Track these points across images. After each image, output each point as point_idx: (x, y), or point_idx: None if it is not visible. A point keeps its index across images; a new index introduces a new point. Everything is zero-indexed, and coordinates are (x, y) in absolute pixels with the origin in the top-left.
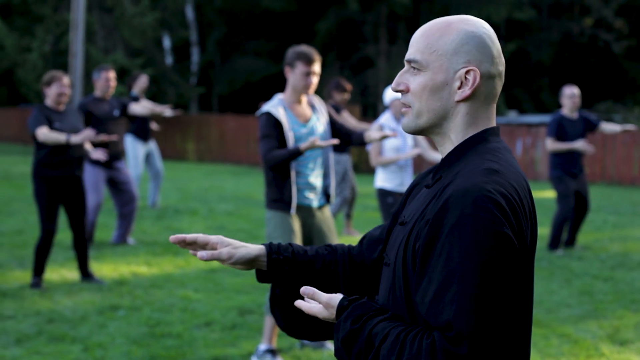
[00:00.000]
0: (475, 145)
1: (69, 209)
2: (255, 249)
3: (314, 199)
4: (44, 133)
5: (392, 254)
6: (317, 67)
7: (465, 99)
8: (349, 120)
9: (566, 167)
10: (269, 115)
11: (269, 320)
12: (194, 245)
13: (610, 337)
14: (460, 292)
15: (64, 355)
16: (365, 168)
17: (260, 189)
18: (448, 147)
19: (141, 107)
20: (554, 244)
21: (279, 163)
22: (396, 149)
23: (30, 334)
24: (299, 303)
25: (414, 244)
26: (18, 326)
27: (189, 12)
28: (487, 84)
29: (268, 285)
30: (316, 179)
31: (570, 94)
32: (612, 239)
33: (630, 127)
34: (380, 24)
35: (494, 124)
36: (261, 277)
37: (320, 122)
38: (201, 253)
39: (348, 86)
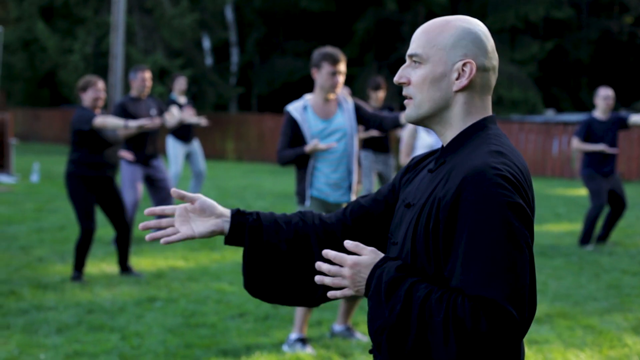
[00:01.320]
0: (477, 131)
1: (106, 209)
2: (212, 224)
3: (337, 195)
4: (101, 120)
5: (399, 233)
6: (342, 67)
7: (463, 89)
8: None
9: (597, 166)
10: (287, 113)
11: (299, 310)
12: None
13: (634, 328)
14: (489, 262)
15: (103, 343)
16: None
17: None
18: (449, 134)
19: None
20: (585, 239)
21: (287, 162)
22: (430, 146)
23: (71, 324)
24: (321, 262)
25: (425, 224)
26: (59, 316)
27: (229, 13)
28: (482, 76)
29: None
30: (340, 175)
31: (605, 96)
32: None
33: None
34: (418, 24)
35: (490, 113)
36: (229, 239)
37: (344, 119)
38: (162, 240)
39: (383, 83)
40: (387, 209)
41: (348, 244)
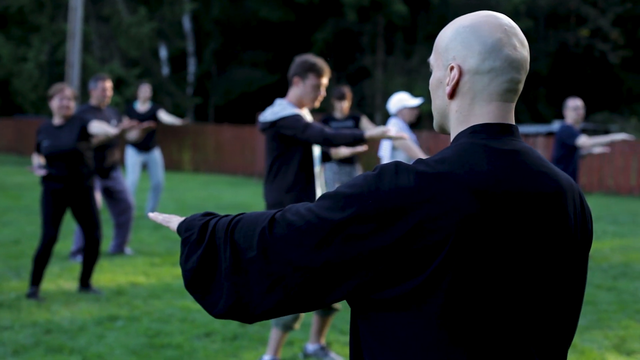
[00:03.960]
0: (455, 141)
1: (80, 219)
2: None
3: None
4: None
5: None
6: (326, 80)
7: (452, 96)
8: (369, 127)
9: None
10: (289, 110)
11: (275, 333)
12: None
13: (616, 347)
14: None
15: None
16: None
17: (258, 198)
18: None
19: (133, 133)
20: None
21: (344, 142)
22: (407, 157)
23: (28, 345)
24: (152, 215)
25: None
26: (15, 337)
27: (186, 23)
28: (475, 80)
29: None
30: (317, 188)
31: (575, 106)
32: (612, 248)
33: (626, 136)
34: (377, 35)
35: (494, 121)
36: None
37: None
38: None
39: (348, 93)
40: None
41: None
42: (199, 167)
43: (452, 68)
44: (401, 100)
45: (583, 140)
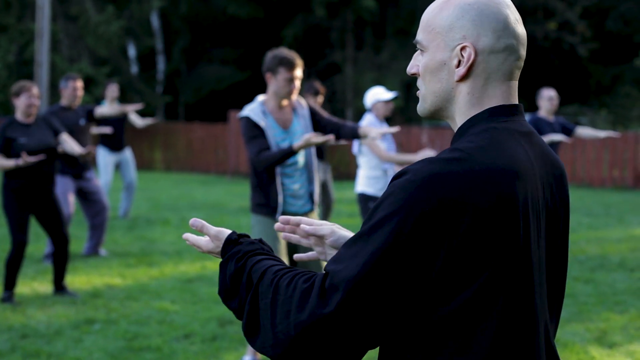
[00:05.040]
0: (472, 126)
1: (43, 221)
2: None
3: (298, 206)
4: None
5: None
6: (299, 72)
7: (464, 78)
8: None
9: None
10: (248, 120)
11: None
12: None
13: (598, 340)
14: (359, 249)
15: None
16: (335, 175)
17: (230, 197)
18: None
19: (108, 108)
20: None
21: (272, 164)
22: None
23: (4, 351)
24: (186, 235)
25: None
26: None
27: (154, 21)
28: (490, 59)
29: None
30: (300, 185)
31: (549, 97)
32: (588, 240)
33: (613, 134)
34: (346, 30)
35: (508, 102)
36: None
37: (301, 126)
38: (303, 226)
39: (321, 89)
40: None
41: (193, 222)
42: (171, 166)
43: (463, 48)
44: (375, 95)
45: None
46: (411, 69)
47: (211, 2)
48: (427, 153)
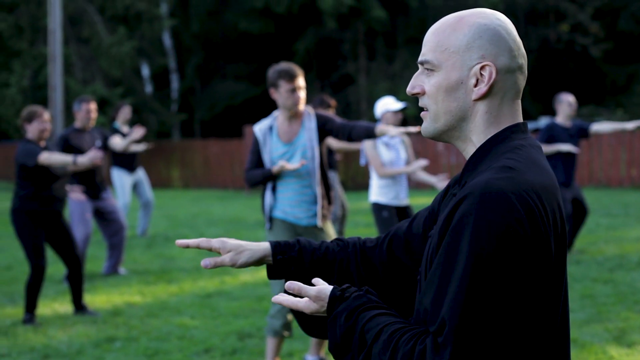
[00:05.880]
0: (497, 144)
1: (55, 245)
2: (259, 250)
3: (300, 218)
4: (46, 157)
5: (422, 268)
6: (301, 81)
7: (483, 97)
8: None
9: (558, 176)
10: (253, 134)
11: (270, 342)
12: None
13: (617, 339)
14: (459, 295)
15: None
16: (352, 185)
17: (248, 211)
18: (470, 150)
19: (119, 143)
20: None
21: (255, 183)
22: (390, 162)
23: None
24: (278, 299)
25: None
26: None
27: (166, 40)
28: (506, 78)
29: (267, 308)
30: (299, 196)
31: (568, 102)
32: (607, 240)
33: (632, 124)
34: (358, 41)
35: (518, 120)
36: (271, 274)
37: (305, 139)
38: (204, 262)
39: (332, 102)
40: (423, 235)
41: (290, 285)
42: (188, 183)
43: (483, 67)
44: (385, 105)
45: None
46: (413, 89)
47: (222, 19)
48: (421, 163)
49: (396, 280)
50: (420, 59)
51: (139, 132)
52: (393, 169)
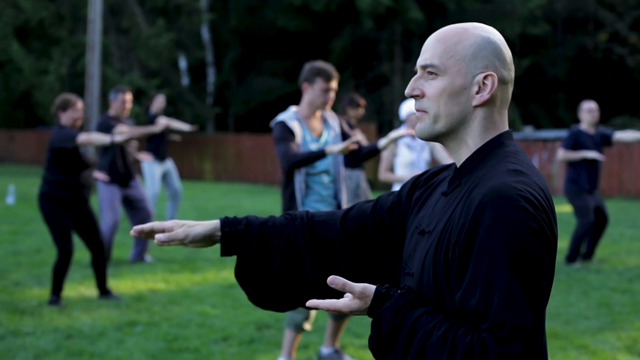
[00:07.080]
0: (494, 149)
1: (80, 231)
2: (210, 224)
3: None
4: (86, 137)
5: (414, 263)
6: (335, 84)
7: (483, 104)
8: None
9: (582, 183)
10: (283, 124)
11: (288, 334)
12: (153, 234)
13: (628, 348)
14: (508, 290)
15: None
16: (381, 185)
17: (278, 206)
18: (464, 153)
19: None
20: (571, 257)
21: (300, 162)
22: (410, 163)
23: (49, 350)
24: (313, 302)
25: (445, 255)
26: (37, 342)
27: (205, 33)
28: (502, 89)
29: None
30: (326, 192)
31: (589, 109)
32: (629, 252)
33: None
34: (394, 42)
35: (506, 128)
36: (223, 250)
37: (331, 137)
38: (158, 236)
39: (362, 101)
40: (391, 221)
41: (333, 280)
42: (220, 176)
43: (486, 77)
44: (410, 107)
45: (561, 153)
46: (413, 91)
47: (261, 15)
48: (417, 171)
49: (355, 255)
50: (422, 63)
51: (161, 125)
52: (395, 175)
